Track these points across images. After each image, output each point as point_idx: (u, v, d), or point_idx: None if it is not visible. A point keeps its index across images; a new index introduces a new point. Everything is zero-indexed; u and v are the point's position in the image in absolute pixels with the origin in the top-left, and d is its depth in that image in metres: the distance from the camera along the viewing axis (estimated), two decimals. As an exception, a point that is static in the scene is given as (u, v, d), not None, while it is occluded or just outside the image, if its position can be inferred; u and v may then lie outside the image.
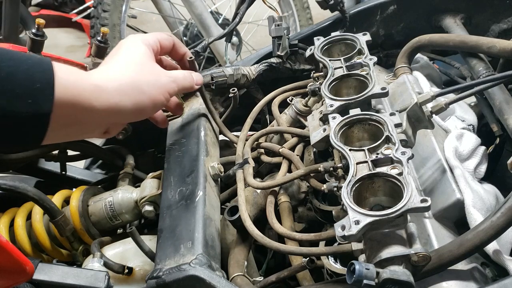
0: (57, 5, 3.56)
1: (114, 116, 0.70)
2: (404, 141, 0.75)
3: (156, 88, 0.75)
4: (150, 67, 0.76)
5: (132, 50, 0.77)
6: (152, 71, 0.76)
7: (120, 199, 1.01)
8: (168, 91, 0.78)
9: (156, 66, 0.78)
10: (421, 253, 0.64)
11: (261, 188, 0.91)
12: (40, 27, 0.93)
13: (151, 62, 0.78)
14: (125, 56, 0.75)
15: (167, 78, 0.78)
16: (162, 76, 0.78)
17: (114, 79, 0.70)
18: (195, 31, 2.67)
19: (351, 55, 0.92)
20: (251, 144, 0.98)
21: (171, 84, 0.79)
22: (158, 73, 0.77)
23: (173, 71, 0.82)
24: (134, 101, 0.71)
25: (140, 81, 0.73)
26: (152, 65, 0.77)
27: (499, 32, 1.21)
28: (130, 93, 0.71)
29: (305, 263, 0.81)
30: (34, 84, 0.59)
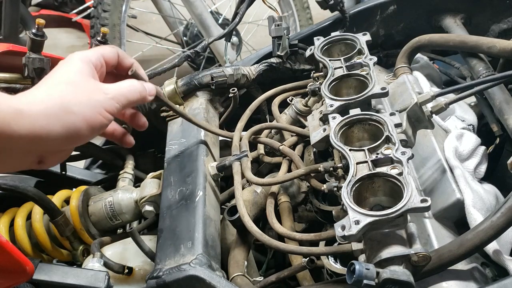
0: (57, 5, 3.56)
1: (42, 142, 0.63)
2: (404, 141, 0.75)
3: (90, 107, 0.67)
4: (83, 85, 0.68)
5: (65, 69, 0.70)
6: (86, 89, 0.68)
7: (120, 199, 1.01)
8: (106, 109, 0.69)
9: (92, 83, 0.70)
10: (421, 253, 0.64)
11: (260, 184, 0.91)
12: (40, 27, 0.93)
13: (85, 79, 0.70)
14: (57, 76, 0.68)
15: (103, 96, 0.70)
16: (98, 93, 0.69)
17: (40, 101, 0.63)
18: (195, 31, 2.67)
19: (351, 55, 0.92)
20: (249, 136, 0.98)
21: (109, 101, 0.70)
22: (92, 90, 0.69)
23: (115, 84, 0.73)
24: (63, 124, 0.64)
25: (69, 101, 0.65)
26: (86, 83, 0.69)
27: (499, 32, 1.21)
28: (58, 114, 0.63)
29: (305, 263, 0.81)
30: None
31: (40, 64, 0.96)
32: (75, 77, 0.69)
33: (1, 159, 0.62)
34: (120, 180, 1.13)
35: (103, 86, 0.71)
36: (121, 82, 0.74)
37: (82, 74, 0.70)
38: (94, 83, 0.70)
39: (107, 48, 0.77)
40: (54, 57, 1.02)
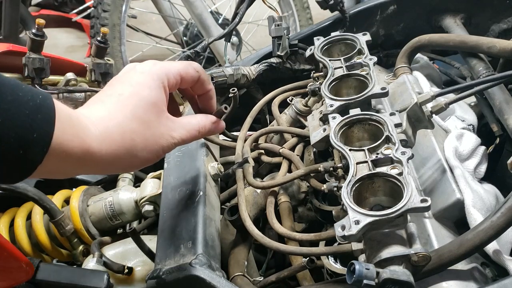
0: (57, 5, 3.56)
1: (98, 171, 0.65)
2: (404, 141, 0.75)
3: (153, 151, 0.67)
4: (155, 127, 0.67)
5: (143, 96, 0.66)
6: (156, 132, 0.67)
7: (120, 199, 1.01)
8: (164, 151, 0.69)
9: (162, 123, 0.68)
10: (421, 253, 0.64)
11: (261, 188, 0.91)
12: (40, 27, 0.94)
13: (158, 116, 0.67)
14: (131, 105, 0.65)
15: (169, 139, 0.69)
16: (165, 137, 0.68)
17: (112, 141, 0.62)
18: (195, 31, 2.67)
19: (351, 55, 0.92)
20: (250, 143, 0.98)
21: (171, 145, 0.69)
22: (161, 134, 0.67)
23: (181, 125, 0.71)
24: (123, 163, 0.65)
25: (138, 146, 0.65)
26: (158, 123, 0.67)
27: (499, 32, 1.21)
28: (122, 157, 0.64)
29: (305, 263, 0.81)
30: (32, 133, 0.53)
31: (40, 64, 0.96)
32: (151, 114, 0.66)
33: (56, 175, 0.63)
34: (120, 180, 1.13)
35: (171, 127, 0.69)
36: (189, 122, 0.73)
37: (157, 110, 0.67)
38: (165, 124, 0.68)
39: (190, 71, 0.73)
40: (54, 57, 1.02)
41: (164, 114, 0.69)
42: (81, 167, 0.62)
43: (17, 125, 0.51)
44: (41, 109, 0.54)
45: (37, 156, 0.54)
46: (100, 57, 1.11)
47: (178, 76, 0.71)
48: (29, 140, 0.53)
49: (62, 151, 0.57)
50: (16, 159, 0.53)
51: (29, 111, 0.53)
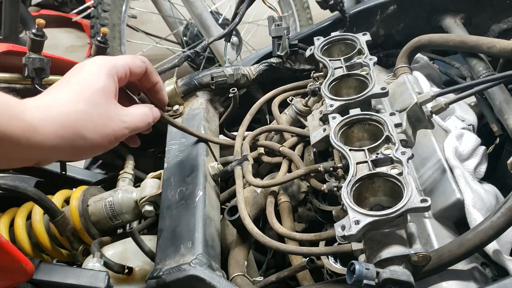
0: (57, 5, 3.56)
1: (46, 155, 0.64)
2: (404, 141, 0.75)
3: (103, 135, 0.67)
4: (103, 110, 0.67)
5: (90, 82, 0.68)
6: (105, 115, 0.67)
7: (120, 199, 1.01)
8: (116, 137, 0.69)
9: (112, 108, 0.69)
10: (421, 253, 0.64)
11: (261, 186, 0.91)
12: (40, 27, 0.93)
13: (107, 101, 0.68)
14: (78, 89, 0.66)
15: (120, 124, 0.69)
16: (115, 122, 0.69)
17: (54, 119, 0.62)
18: (195, 31, 2.67)
19: (351, 55, 0.92)
20: (250, 141, 0.98)
21: (123, 130, 0.70)
22: (111, 117, 0.68)
23: (132, 112, 0.73)
24: (72, 145, 0.64)
25: (85, 127, 0.65)
26: (107, 107, 0.68)
27: (499, 32, 1.21)
28: (69, 137, 0.63)
29: (305, 263, 0.81)
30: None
31: (40, 64, 0.96)
32: (98, 98, 0.67)
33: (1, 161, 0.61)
34: (120, 180, 1.13)
35: (121, 112, 0.71)
36: (136, 109, 0.74)
37: (105, 95, 0.68)
38: (114, 108, 0.70)
39: (137, 62, 0.75)
40: (54, 57, 1.02)
41: (112, 100, 0.70)
42: (25, 149, 0.60)
43: None
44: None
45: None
46: (100, 57, 1.11)
47: (127, 66, 0.73)
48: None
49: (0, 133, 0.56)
50: None
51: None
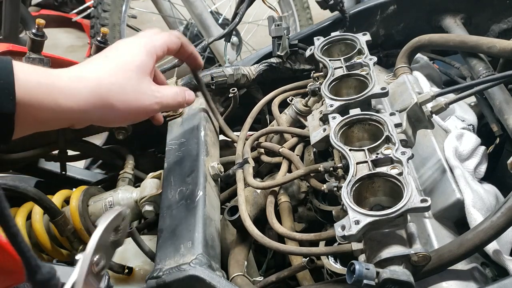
0: (57, 5, 3.56)
1: (77, 118, 0.66)
2: (404, 141, 0.75)
3: (134, 107, 0.70)
4: (137, 85, 0.70)
5: (127, 59, 0.71)
6: (138, 90, 0.70)
7: (120, 199, 1.01)
8: (147, 111, 0.73)
9: (146, 84, 0.72)
10: (421, 253, 0.64)
11: (261, 188, 0.91)
12: (40, 27, 0.93)
13: (142, 77, 0.71)
14: (114, 65, 0.69)
15: (151, 99, 0.72)
16: (147, 95, 0.71)
17: (90, 85, 0.65)
18: (195, 31, 2.67)
19: (351, 55, 0.92)
20: (251, 144, 0.98)
21: (153, 105, 0.72)
22: (143, 91, 0.71)
23: (164, 88, 0.75)
24: (101, 113, 0.67)
25: (115, 97, 0.67)
26: (141, 83, 0.71)
27: (499, 32, 1.21)
28: (98, 105, 0.66)
29: (305, 263, 0.81)
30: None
31: (40, 64, 0.96)
32: (133, 73, 0.70)
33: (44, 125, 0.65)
34: (120, 180, 1.13)
35: (154, 88, 0.73)
36: (169, 88, 0.77)
37: (141, 72, 0.71)
38: (148, 85, 0.72)
39: (173, 39, 0.79)
40: (54, 57, 1.02)
41: (147, 77, 0.73)
42: (56, 112, 0.62)
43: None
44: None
45: (7, 104, 0.57)
46: (100, 57, 1.11)
47: (165, 45, 0.77)
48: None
49: (32, 97, 0.59)
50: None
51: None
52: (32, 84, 0.60)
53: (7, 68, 0.58)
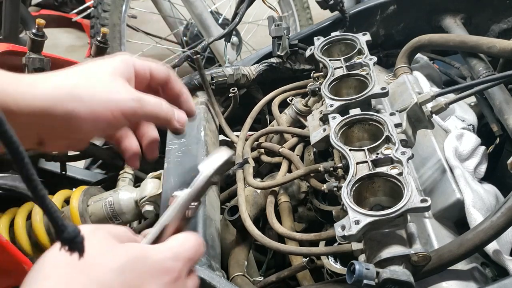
0: (57, 5, 3.56)
1: (41, 121, 0.59)
2: (404, 141, 0.75)
3: (104, 100, 0.60)
4: (108, 82, 0.62)
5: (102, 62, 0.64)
6: (109, 86, 0.62)
7: (120, 199, 1.01)
8: (122, 109, 0.61)
9: (119, 83, 0.63)
10: (421, 253, 0.64)
11: (261, 188, 0.91)
12: (40, 27, 0.93)
13: (114, 78, 0.63)
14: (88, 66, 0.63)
15: (127, 95, 0.62)
16: (121, 92, 0.62)
17: (54, 82, 0.59)
18: (195, 31, 2.67)
19: (351, 55, 0.92)
20: (251, 144, 0.98)
21: (129, 102, 0.62)
22: (116, 89, 0.62)
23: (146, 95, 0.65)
24: (66, 108, 0.58)
25: (83, 91, 0.60)
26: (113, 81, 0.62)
27: (499, 32, 1.21)
28: (63, 98, 0.58)
29: (305, 263, 0.81)
30: None
31: (40, 64, 0.96)
32: (104, 75, 0.62)
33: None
34: (120, 180, 1.13)
35: (133, 90, 0.64)
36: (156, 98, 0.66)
37: (114, 73, 0.63)
38: (123, 84, 0.63)
39: (160, 66, 0.69)
40: (54, 57, 1.02)
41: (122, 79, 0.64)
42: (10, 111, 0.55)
43: None
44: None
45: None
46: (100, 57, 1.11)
47: (147, 66, 0.67)
48: None
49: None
50: None
51: None
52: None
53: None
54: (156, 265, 0.51)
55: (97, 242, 0.50)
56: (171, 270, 0.52)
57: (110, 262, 0.48)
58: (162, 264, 0.51)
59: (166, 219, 0.55)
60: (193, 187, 0.55)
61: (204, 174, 0.55)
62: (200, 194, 0.55)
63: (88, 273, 0.47)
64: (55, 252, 0.47)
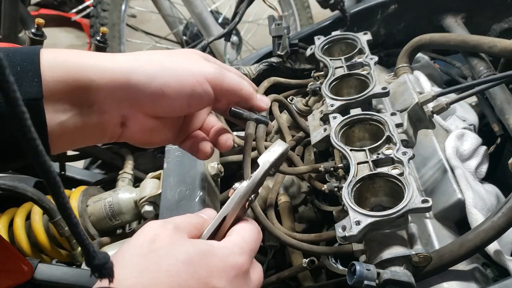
0: (56, 5, 3.56)
1: (123, 94, 0.58)
2: (405, 141, 0.75)
3: (187, 67, 0.60)
4: (187, 52, 0.63)
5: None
6: (188, 54, 0.63)
7: (120, 199, 1.01)
8: (206, 75, 0.61)
9: (199, 57, 0.64)
10: (422, 253, 0.64)
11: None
12: (40, 26, 0.93)
13: (193, 53, 0.64)
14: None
15: (210, 66, 0.62)
16: (203, 62, 0.63)
17: (127, 54, 0.60)
18: (195, 31, 2.67)
19: (351, 55, 0.91)
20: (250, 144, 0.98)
21: (212, 70, 0.61)
22: (197, 58, 0.63)
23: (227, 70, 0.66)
24: (148, 73, 0.58)
25: (162, 55, 0.60)
26: (192, 54, 0.64)
27: (500, 32, 1.21)
28: (144, 64, 0.58)
29: (306, 264, 0.81)
30: (14, 68, 0.51)
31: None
32: (183, 50, 0.64)
33: (86, 116, 0.58)
34: (120, 180, 1.13)
35: (212, 63, 0.64)
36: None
37: (193, 52, 0.64)
38: (203, 59, 0.64)
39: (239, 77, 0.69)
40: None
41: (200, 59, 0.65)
42: (92, 84, 0.56)
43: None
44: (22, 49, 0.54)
45: (32, 88, 0.51)
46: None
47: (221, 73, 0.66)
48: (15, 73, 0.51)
49: (63, 72, 0.54)
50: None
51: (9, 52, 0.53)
52: (61, 62, 0.54)
53: (32, 52, 0.53)
54: (224, 261, 0.53)
55: (166, 236, 0.52)
56: (238, 264, 0.54)
57: (179, 254, 0.51)
58: (230, 259, 0.53)
59: (227, 210, 0.56)
60: (253, 179, 0.56)
61: (263, 167, 0.57)
62: (258, 186, 0.57)
63: (159, 264, 0.50)
64: (131, 245, 0.53)
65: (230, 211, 0.56)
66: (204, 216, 0.59)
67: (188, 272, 0.50)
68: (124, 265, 0.51)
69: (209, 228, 0.57)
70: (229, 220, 0.57)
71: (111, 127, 0.61)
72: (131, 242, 0.54)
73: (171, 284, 0.49)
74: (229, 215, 0.56)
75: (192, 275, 0.50)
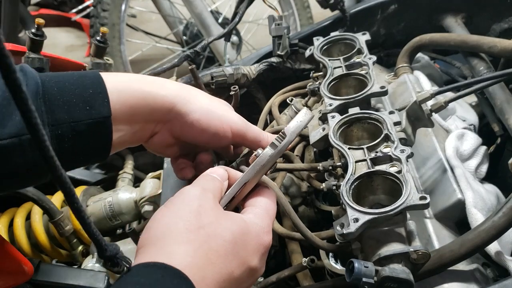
0: (56, 5, 3.55)
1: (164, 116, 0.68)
2: (404, 139, 0.75)
3: (219, 114, 0.69)
4: (223, 102, 0.74)
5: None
6: (223, 104, 0.73)
7: (120, 199, 1.01)
8: (232, 126, 0.70)
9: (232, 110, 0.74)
10: (420, 250, 0.64)
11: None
12: (40, 26, 0.93)
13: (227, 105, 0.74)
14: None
15: (239, 118, 0.72)
16: (234, 114, 0.72)
17: (175, 83, 0.70)
18: (195, 31, 2.67)
19: (350, 55, 0.91)
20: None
21: (240, 122, 0.71)
22: (230, 110, 0.73)
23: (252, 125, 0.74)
24: (190, 108, 0.68)
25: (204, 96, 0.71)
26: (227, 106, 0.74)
27: (500, 32, 1.21)
28: (191, 100, 0.69)
29: (306, 263, 0.81)
30: (86, 90, 0.60)
31: (39, 64, 0.96)
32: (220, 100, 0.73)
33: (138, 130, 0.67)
34: (120, 180, 1.13)
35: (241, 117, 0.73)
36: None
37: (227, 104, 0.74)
38: (235, 112, 0.72)
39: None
40: (53, 56, 1.01)
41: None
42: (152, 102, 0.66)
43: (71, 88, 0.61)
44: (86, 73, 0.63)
45: (103, 108, 0.60)
46: (100, 56, 1.11)
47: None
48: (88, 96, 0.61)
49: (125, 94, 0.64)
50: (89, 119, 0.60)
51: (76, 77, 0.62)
52: (120, 85, 0.64)
53: (96, 76, 0.63)
54: (256, 239, 0.58)
55: (210, 209, 0.56)
56: (266, 242, 0.59)
57: (225, 233, 0.55)
58: (261, 238, 0.58)
59: (248, 177, 0.56)
60: (280, 146, 0.56)
61: (290, 136, 0.57)
62: (281, 154, 0.57)
63: (209, 243, 0.53)
64: (178, 216, 0.55)
65: (252, 178, 0.56)
66: (218, 178, 0.62)
67: (232, 252, 0.54)
68: (176, 240, 0.53)
69: (229, 193, 0.56)
70: (248, 187, 0.56)
71: (143, 138, 0.71)
72: (177, 213, 0.56)
73: (220, 265, 0.53)
74: (249, 183, 0.56)
75: (235, 255, 0.54)
